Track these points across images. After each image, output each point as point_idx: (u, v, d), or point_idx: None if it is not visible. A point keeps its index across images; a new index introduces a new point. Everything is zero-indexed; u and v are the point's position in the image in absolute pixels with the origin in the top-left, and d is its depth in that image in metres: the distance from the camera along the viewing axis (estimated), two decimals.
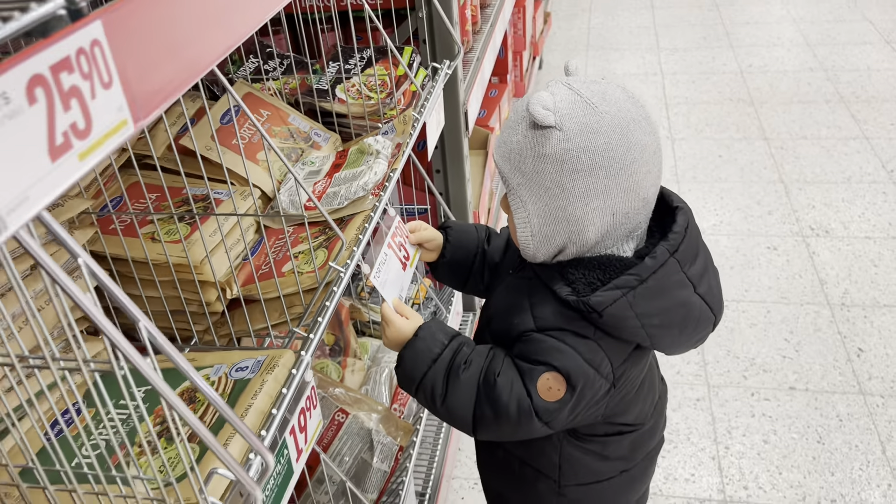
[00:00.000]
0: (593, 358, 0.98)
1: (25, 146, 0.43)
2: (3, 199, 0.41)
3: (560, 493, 1.16)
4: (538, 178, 0.95)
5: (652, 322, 0.96)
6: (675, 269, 0.97)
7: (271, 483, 0.83)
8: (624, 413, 1.10)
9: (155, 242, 1.15)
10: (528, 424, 0.99)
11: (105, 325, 0.59)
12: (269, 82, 1.60)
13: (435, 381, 1.03)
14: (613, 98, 0.94)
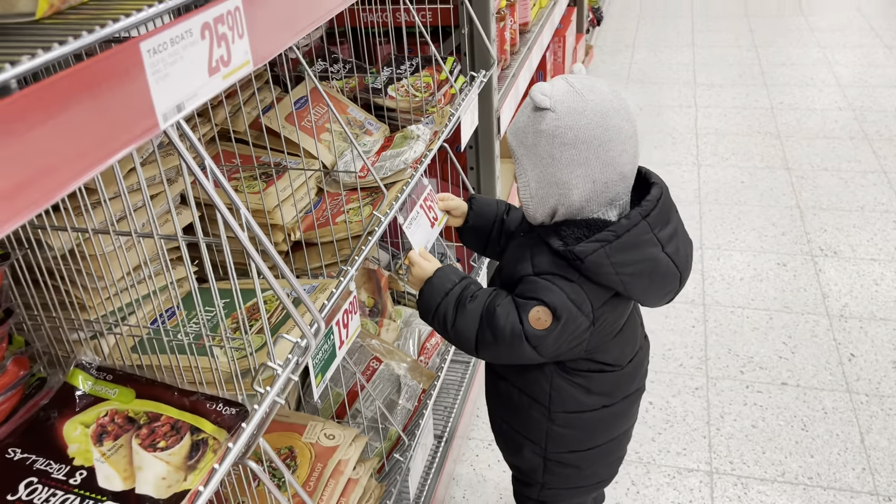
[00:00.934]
0: (576, 298, 1.23)
1: (197, 63, 0.73)
2: (186, 91, 0.71)
3: (550, 419, 1.40)
4: (536, 149, 1.23)
5: (625, 271, 1.21)
6: (646, 230, 1.22)
7: (321, 354, 1.11)
8: (604, 352, 1.35)
9: (238, 193, 1.46)
10: (519, 347, 1.25)
11: (250, 250, 0.88)
12: (333, 81, 1.92)
13: (447, 310, 1.30)
14: (599, 90, 1.21)
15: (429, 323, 1.35)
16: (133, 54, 0.64)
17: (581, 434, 1.42)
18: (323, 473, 1.40)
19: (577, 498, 1.55)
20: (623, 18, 6.20)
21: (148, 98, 0.66)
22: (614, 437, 1.47)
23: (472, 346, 1.30)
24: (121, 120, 0.64)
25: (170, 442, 0.99)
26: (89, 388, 1.07)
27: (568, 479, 1.47)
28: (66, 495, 0.92)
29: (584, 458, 1.45)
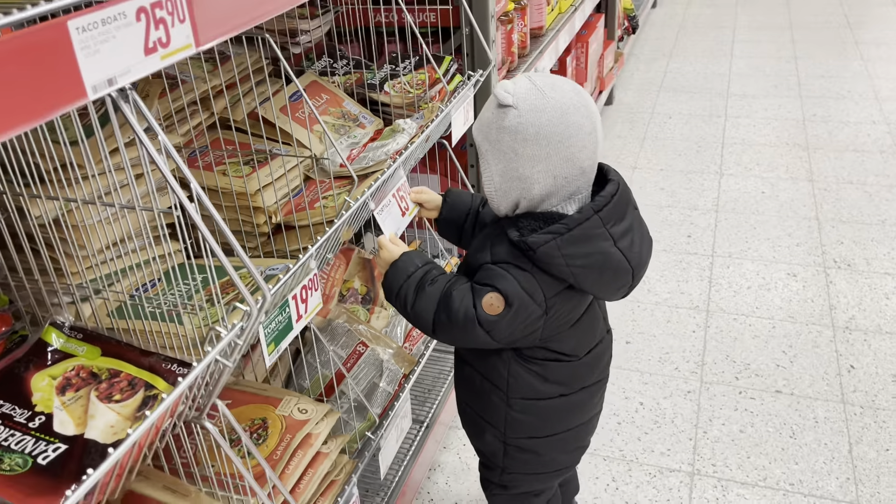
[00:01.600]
0: (528, 287, 1.28)
1: (132, 43, 0.81)
2: (118, 68, 0.79)
3: (508, 405, 1.45)
4: (499, 144, 1.28)
5: (575, 263, 1.25)
6: (598, 225, 1.26)
7: (274, 324, 1.18)
8: (559, 342, 1.39)
9: (225, 176, 1.55)
10: (472, 331, 1.30)
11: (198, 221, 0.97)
12: (335, 76, 2.00)
13: (408, 292, 1.36)
14: (560, 88, 1.26)
15: (391, 303, 1.42)
16: (61, 31, 0.72)
17: (538, 421, 1.46)
18: (290, 444, 1.47)
19: (538, 484, 1.59)
20: (664, 27, 6.17)
21: (76, 70, 0.74)
22: (574, 426, 1.50)
23: (429, 327, 1.36)
24: (48, 87, 0.72)
25: (124, 395, 1.08)
26: (61, 345, 1.16)
27: (527, 464, 1.52)
28: (23, 436, 1.01)
29: (543, 445, 1.49)
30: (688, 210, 3.39)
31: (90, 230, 1.24)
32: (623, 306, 2.75)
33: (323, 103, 1.84)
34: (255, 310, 1.06)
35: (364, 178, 1.55)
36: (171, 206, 1.27)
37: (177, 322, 1.24)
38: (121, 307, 1.28)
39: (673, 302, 2.77)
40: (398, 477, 1.81)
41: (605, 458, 2.11)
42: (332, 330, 1.92)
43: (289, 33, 1.89)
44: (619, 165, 3.84)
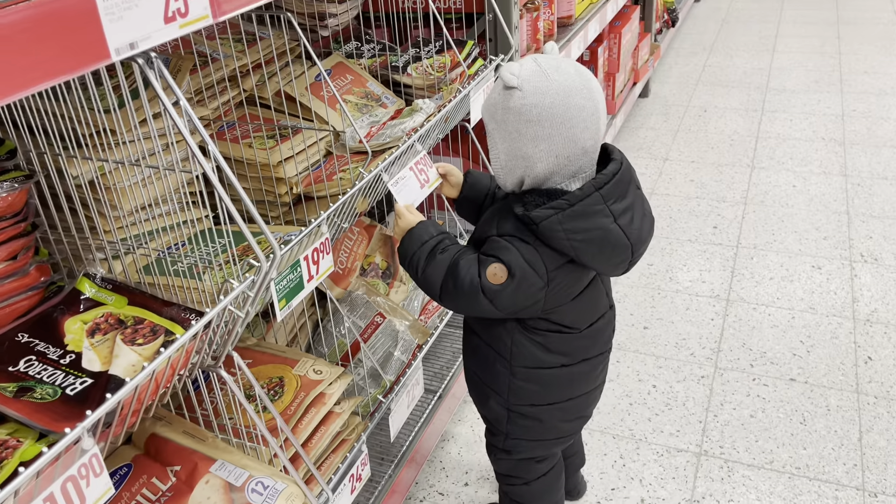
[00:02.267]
0: (531, 258, 1.35)
1: (152, 11, 0.90)
2: (139, 33, 0.89)
3: (511, 373, 1.52)
4: (504, 125, 1.34)
5: (576, 237, 1.31)
6: (599, 202, 1.32)
7: (285, 282, 1.27)
8: (561, 314, 1.45)
9: (250, 148, 1.65)
10: (475, 299, 1.37)
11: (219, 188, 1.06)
12: (361, 59, 2.09)
13: (420, 258, 1.44)
14: (564, 71, 1.31)
15: (404, 268, 1.50)
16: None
17: (540, 389, 1.52)
18: (304, 401, 1.57)
19: (541, 450, 1.65)
20: (707, 21, 6.13)
21: (101, 33, 0.84)
22: (575, 395, 1.56)
23: (436, 293, 1.44)
24: (76, 48, 0.81)
25: (146, 340, 1.18)
26: (92, 294, 1.27)
27: (529, 430, 1.59)
28: (55, 371, 1.12)
29: (545, 412, 1.56)
30: (716, 202, 3.40)
31: (122, 192, 1.35)
32: (643, 293, 2.79)
33: (347, 83, 1.93)
34: (265, 265, 1.15)
35: (380, 153, 1.63)
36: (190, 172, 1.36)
37: (198, 279, 1.34)
38: (148, 265, 1.39)
39: (694, 290, 2.79)
40: (409, 441, 1.89)
41: (614, 437, 2.17)
42: (352, 301, 2.01)
43: (318, 16, 1.98)
44: (650, 157, 3.86)
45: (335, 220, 1.50)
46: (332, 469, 1.57)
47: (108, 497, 0.97)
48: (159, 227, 1.46)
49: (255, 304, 1.23)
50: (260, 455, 1.44)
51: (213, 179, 1.10)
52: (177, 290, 1.33)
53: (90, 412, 0.94)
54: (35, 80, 0.78)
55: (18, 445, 1.01)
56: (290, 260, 1.30)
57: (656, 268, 2.94)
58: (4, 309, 1.21)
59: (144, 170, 1.34)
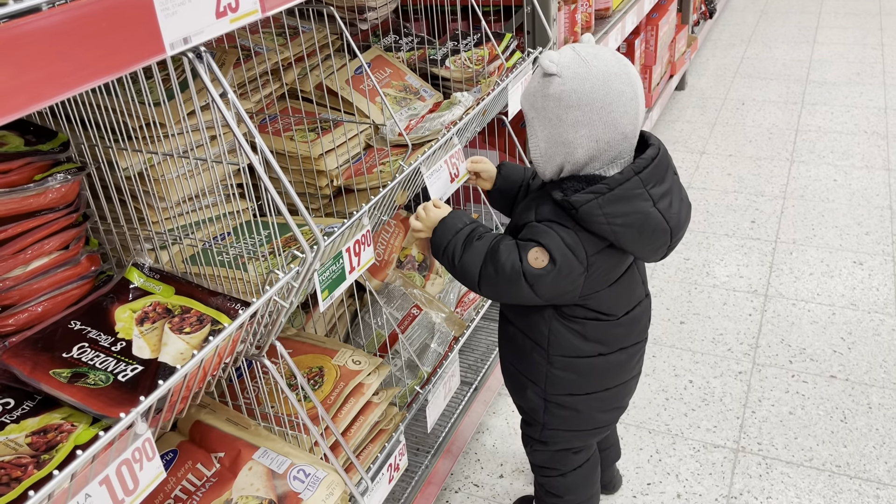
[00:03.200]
0: (571, 243, 1.35)
1: (205, 7, 0.92)
2: (192, 28, 0.90)
3: (549, 362, 1.52)
4: (544, 112, 1.35)
5: (616, 221, 1.32)
6: (638, 186, 1.32)
7: (328, 273, 1.29)
8: (597, 301, 1.45)
9: (292, 141, 1.67)
10: (517, 284, 1.37)
11: (265, 179, 1.08)
12: (400, 52, 2.10)
13: (455, 246, 1.44)
14: (602, 57, 1.32)
15: (438, 259, 1.50)
16: None
17: (578, 378, 1.52)
18: (343, 391, 1.59)
19: (577, 441, 1.65)
20: (745, 12, 6.03)
21: (157, 29, 0.86)
22: (612, 385, 1.56)
23: (475, 280, 1.44)
24: (133, 42, 0.83)
25: (193, 329, 1.20)
26: (141, 284, 1.30)
27: (566, 420, 1.59)
28: (106, 357, 1.15)
29: (582, 402, 1.56)
30: (754, 196, 3.35)
31: (169, 184, 1.38)
32: (680, 287, 2.77)
33: (386, 77, 1.94)
34: (309, 256, 1.17)
35: (419, 146, 1.64)
36: (237, 164, 1.39)
37: (243, 270, 1.36)
38: (195, 255, 1.42)
39: (731, 285, 2.76)
40: (445, 433, 1.90)
41: (650, 431, 2.16)
42: (389, 293, 2.03)
43: (357, 10, 1.99)
44: (687, 150, 3.82)
45: (375, 213, 1.52)
46: (370, 458, 1.59)
47: (160, 480, 1.00)
48: (205, 218, 1.49)
49: (299, 294, 1.25)
50: (301, 443, 1.47)
51: (260, 171, 1.11)
52: (222, 280, 1.36)
53: (143, 398, 0.97)
54: (94, 75, 0.80)
55: (73, 430, 1.04)
56: (332, 251, 1.32)
57: (693, 262, 2.92)
58: (57, 297, 1.25)
59: (191, 161, 1.36)
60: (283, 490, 1.35)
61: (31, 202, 1.18)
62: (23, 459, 1.00)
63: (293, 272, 1.18)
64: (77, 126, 1.29)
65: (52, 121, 1.30)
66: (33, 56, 0.73)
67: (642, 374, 2.35)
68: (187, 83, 1.34)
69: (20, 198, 1.16)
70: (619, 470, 2.00)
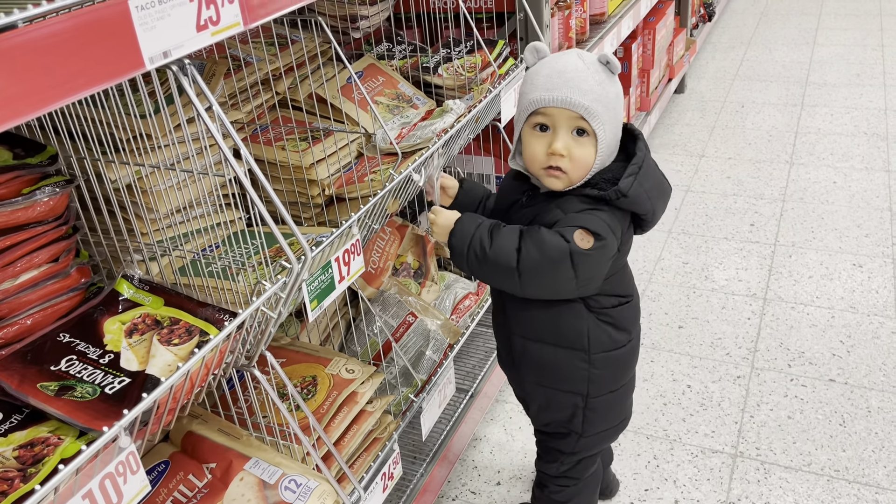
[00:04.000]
0: (610, 222, 1.36)
1: (185, 20, 0.92)
2: (173, 42, 0.91)
3: (590, 363, 1.48)
4: (615, 110, 1.38)
5: (651, 194, 1.39)
6: (650, 157, 1.42)
7: (316, 283, 1.29)
8: (619, 284, 1.48)
9: (283, 151, 1.67)
10: (561, 264, 1.32)
11: (250, 191, 1.08)
12: (393, 60, 2.10)
13: (482, 237, 1.38)
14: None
15: (464, 261, 1.41)
16: (122, 8, 0.84)
17: (616, 371, 1.53)
18: (336, 400, 1.59)
19: (608, 440, 1.67)
20: (745, 15, 6.03)
21: (135, 43, 0.86)
22: (633, 372, 1.61)
23: (512, 265, 1.34)
24: (112, 57, 0.84)
25: (182, 340, 1.20)
26: (130, 295, 1.30)
27: (602, 420, 1.58)
28: (94, 370, 1.15)
29: (617, 397, 1.58)
30: (753, 199, 3.34)
31: (158, 195, 1.38)
32: (678, 292, 2.76)
33: (379, 85, 1.94)
34: (295, 266, 1.17)
35: (410, 154, 1.64)
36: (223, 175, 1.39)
37: (232, 280, 1.36)
38: (184, 266, 1.42)
39: (730, 289, 2.76)
40: (441, 440, 1.90)
41: (647, 437, 2.15)
42: (385, 301, 2.03)
43: (349, 19, 1.99)
44: (686, 154, 3.82)
45: (366, 222, 1.52)
46: (364, 467, 1.59)
47: (145, 494, 1.00)
48: (194, 230, 1.49)
49: (288, 304, 1.25)
50: (293, 453, 1.47)
51: (246, 183, 1.12)
52: (211, 291, 1.36)
53: (127, 411, 0.97)
54: (73, 90, 0.80)
55: (59, 443, 1.05)
56: (321, 261, 1.32)
57: (692, 266, 2.91)
58: (47, 310, 1.25)
59: (179, 173, 1.37)
60: (275, 500, 1.34)
61: (20, 215, 1.18)
62: (9, 473, 1.01)
63: (280, 283, 1.18)
64: (65, 139, 1.29)
65: (40, 134, 1.31)
66: (11, 72, 0.73)
67: (640, 379, 2.35)
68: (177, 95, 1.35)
69: (8, 211, 1.16)
70: (615, 474, 2.00)
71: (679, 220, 3.24)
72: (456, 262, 1.45)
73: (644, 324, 2.60)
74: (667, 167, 3.70)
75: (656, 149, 3.88)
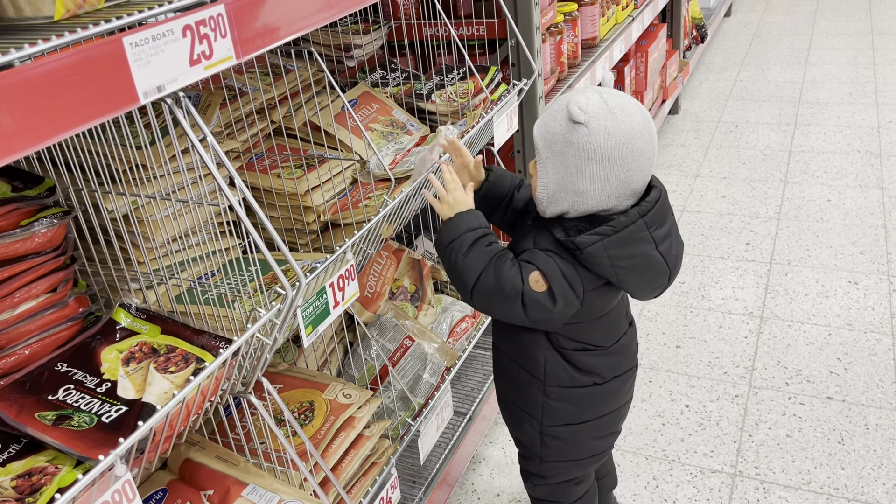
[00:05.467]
0: (570, 277, 1.34)
1: (178, 56, 0.95)
2: (166, 76, 0.93)
3: (545, 394, 1.51)
4: (562, 157, 1.32)
5: (619, 264, 1.32)
6: (643, 229, 1.32)
7: (311, 309, 1.31)
8: (583, 333, 1.45)
9: (279, 178, 1.69)
10: (513, 301, 1.35)
11: (244, 220, 1.10)
12: (387, 87, 2.13)
13: (464, 243, 1.39)
14: (630, 112, 1.29)
15: (440, 250, 1.43)
16: (117, 45, 0.86)
17: (574, 408, 1.52)
18: (333, 425, 1.59)
19: (577, 471, 1.65)
20: (738, 36, 6.09)
21: (130, 79, 0.88)
22: (606, 413, 1.56)
23: (469, 284, 1.39)
24: (107, 92, 0.86)
25: (179, 368, 1.22)
26: (127, 324, 1.32)
27: (563, 451, 1.58)
28: (92, 399, 1.16)
29: (579, 432, 1.55)
30: (748, 218, 3.37)
31: (154, 225, 1.40)
32: (675, 311, 2.77)
33: (373, 112, 1.97)
34: (290, 293, 1.18)
35: (403, 179, 1.66)
36: (218, 204, 1.41)
37: (228, 307, 1.38)
38: (181, 294, 1.44)
39: (726, 308, 2.77)
40: (439, 464, 1.90)
41: (647, 458, 2.15)
42: (382, 325, 2.04)
43: (343, 48, 2.03)
44: (681, 174, 3.85)
45: (361, 247, 1.54)
46: (362, 492, 1.59)
47: None
48: (191, 258, 1.51)
49: (283, 330, 1.26)
50: (291, 479, 1.47)
51: (240, 212, 1.14)
52: (208, 318, 1.38)
53: (123, 439, 0.98)
54: (69, 126, 0.82)
55: (57, 472, 1.06)
56: (316, 287, 1.33)
57: (688, 286, 2.92)
58: (45, 339, 1.26)
59: (175, 203, 1.39)
60: None
61: (18, 247, 1.20)
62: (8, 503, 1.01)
63: (275, 310, 1.19)
64: (63, 170, 1.32)
65: (38, 166, 1.33)
66: (8, 110, 0.75)
67: (638, 399, 2.36)
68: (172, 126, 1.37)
69: (7, 243, 1.18)
70: (616, 498, 1.99)
71: None
72: (435, 245, 1.47)
73: (642, 344, 2.61)
74: None
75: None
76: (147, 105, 1.17)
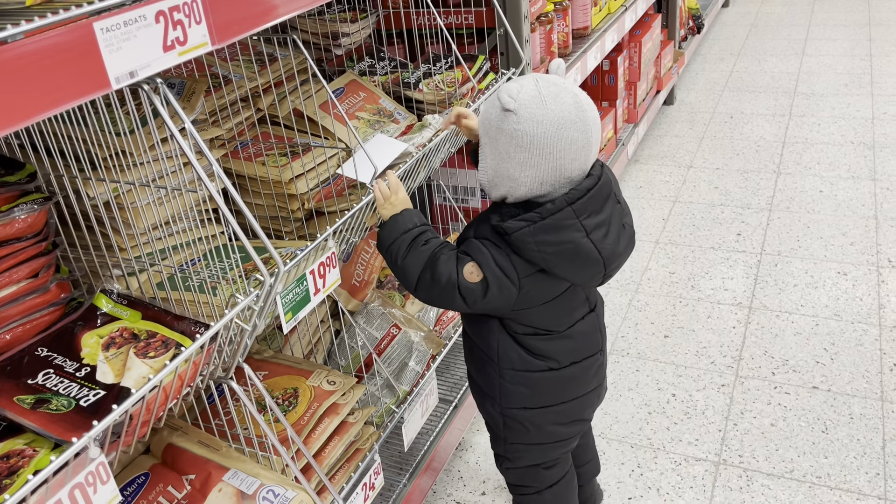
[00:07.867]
0: (503, 264, 1.37)
1: (152, 42, 0.95)
2: (139, 62, 0.93)
3: (500, 375, 1.53)
4: (496, 143, 1.35)
5: (546, 250, 1.33)
6: (571, 216, 1.33)
7: (291, 296, 1.31)
8: (529, 317, 1.46)
9: (264, 166, 1.70)
10: (451, 294, 1.40)
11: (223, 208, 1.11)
12: (375, 76, 2.13)
13: (401, 246, 1.44)
14: (562, 100, 1.30)
15: (382, 252, 1.49)
16: (88, 31, 0.87)
17: (530, 392, 1.53)
18: (317, 411, 1.61)
19: (540, 455, 1.65)
20: (735, 27, 6.08)
21: (101, 64, 0.89)
22: (568, 399, 1.56)
23: (412, 283, 1.45)
24: (78, 77, 0.87)
25: (158, 353, 1.23)
26: (109, 310, 1.32)
27: (526, 434, 1.59)
28: (70, 383, 1.17)
29: (538, 416, 1.56)
30: (740, 209, 3.37)
31: (136, 212, 1.40)
32: (664, 301, 2.78)
33: (360, 100, 1.98)
34: (268, 280, 1.19)
35: (388, 168, 1.67)
36: (198, 192, 1.41)
37: (210, 294, 1.39)
38: (163, 281, 1.44)
39: (715, 298, 2.78)
40: (424, 450, 1.91)
41: (632, 446, 2.16)
42: (369, 313, 2.05)
43: (331, 36, 2.03)
44: (675, 164, 3.85)
45: (344, 235, 1.54)
46: (345, 478, 1.61)
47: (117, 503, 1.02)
48: (174, 245, 1.51)
49: (262, 317, 1.27)
50: (273, 464, 1.48)
51: (219, 201, 1.14)
52: (189, 305, 1.38)
53: (97, 422, 0.99)
54: (40, 109, 0.83)
55: (34, 455, 1.07)
56: (296, 274, 1.34)
57: (678, 276, 2.93)
58: (27, 325, 1.27)
59: (156, 190, 1.39)
60: None
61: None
62: None
63: (253, 296, 1.20)
64: (44, 156, 1.32)
65: (19, 152, 1.33)
66: None
67: (625, 388, 2.37)
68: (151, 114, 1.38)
69: None
70: (600, 485, 2.01)
71: (666, 230, 3.26)
72: (377, 247, 1.52)
73: (630, 333, 2.62)
74: (655, 178, 3.73)
75: (645, 160, 3.92)
76: (125, 92, 1.17)
